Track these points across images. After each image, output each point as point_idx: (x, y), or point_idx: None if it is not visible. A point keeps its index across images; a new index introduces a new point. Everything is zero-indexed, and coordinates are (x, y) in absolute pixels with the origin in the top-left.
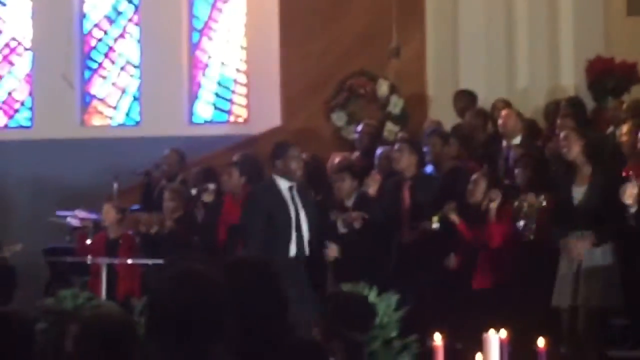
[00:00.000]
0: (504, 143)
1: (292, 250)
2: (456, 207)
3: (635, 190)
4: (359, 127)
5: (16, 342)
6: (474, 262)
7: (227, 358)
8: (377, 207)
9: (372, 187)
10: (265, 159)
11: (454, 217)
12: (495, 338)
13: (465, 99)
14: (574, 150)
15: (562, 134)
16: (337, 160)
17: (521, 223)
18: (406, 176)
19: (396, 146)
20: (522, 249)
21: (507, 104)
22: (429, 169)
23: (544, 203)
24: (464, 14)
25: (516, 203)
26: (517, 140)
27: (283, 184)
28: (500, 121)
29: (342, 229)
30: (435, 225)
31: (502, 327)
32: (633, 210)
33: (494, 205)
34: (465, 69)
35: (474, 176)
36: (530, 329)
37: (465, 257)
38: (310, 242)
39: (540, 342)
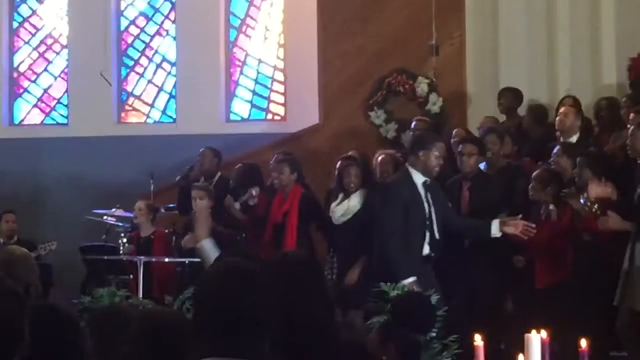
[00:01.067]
0: (561, 140)
1: (426, 249)
2: (507, 216)
3: None
4: (413, 124)
5: (65, 333)
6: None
7: (274, 357)
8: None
9: None
10: (305, 157)
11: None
12: (537, 338)
13: (511, 97)
14: None
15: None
16: (382, 157)
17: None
18: (467, 176)
19: (460, 147)
20: (580, 248)
21: (575, 101)
22: (481, 166)
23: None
24: (504, 11)
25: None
26: (574, 138)
27: (418, 178)
28: (558, 118)
29: (496, 233)
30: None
31: (551, 327)
32: None
33: (554, 209)
34: (505, 67)
35: (536, 173)
36: (582, 330)
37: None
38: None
39: (583, 342)
